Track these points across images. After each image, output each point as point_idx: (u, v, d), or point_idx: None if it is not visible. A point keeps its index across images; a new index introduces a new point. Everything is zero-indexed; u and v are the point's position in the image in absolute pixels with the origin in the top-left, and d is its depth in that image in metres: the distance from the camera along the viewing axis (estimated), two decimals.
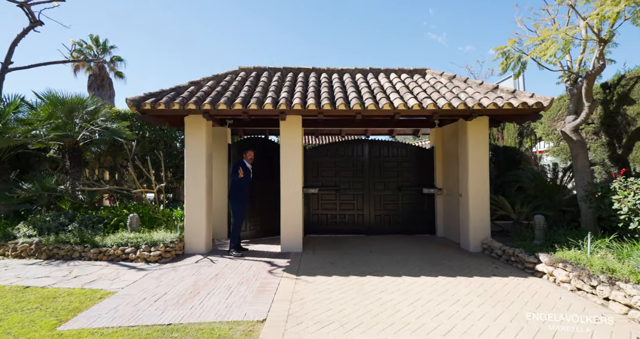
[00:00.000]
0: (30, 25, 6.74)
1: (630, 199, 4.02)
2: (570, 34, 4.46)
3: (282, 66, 6.80)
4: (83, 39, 24.87)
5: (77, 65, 25.84)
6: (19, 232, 5.45)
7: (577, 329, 2.76)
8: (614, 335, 2.65)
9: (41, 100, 6.41)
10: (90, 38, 25.81)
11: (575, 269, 3.64)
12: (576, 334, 2.69)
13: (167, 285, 3.96)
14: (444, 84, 6.07)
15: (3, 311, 3.14)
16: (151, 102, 5.08)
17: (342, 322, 2.95)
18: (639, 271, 3.16)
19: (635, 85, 4.92)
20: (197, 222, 5.62)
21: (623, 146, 5.11)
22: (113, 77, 27.19)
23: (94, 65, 25.71)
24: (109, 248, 5.03)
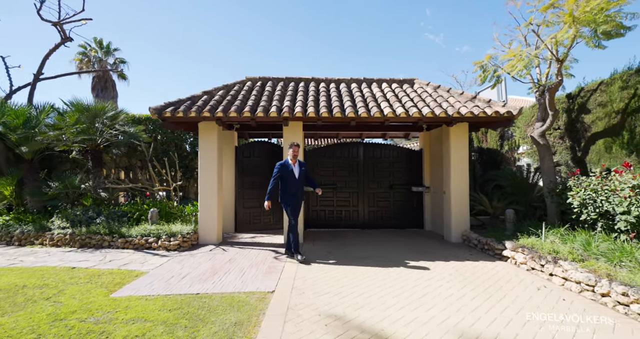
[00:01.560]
0: (61, 41, 7.47)
1: (581, 194, 4.77)
2: (532, 54, 5.20)
3: (284, 76, 7.53)
4: (88, 42, 25.36)
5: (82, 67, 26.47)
6: (53, 224, 6.17)
7: (522, 293, 3.51)
8: (547, 298, 3.40)
9: (68, 107, 7.13)
10: (94, 41, 26.35)
11: (530, 252, 4.39)
12: (520, 296, 3.43)
13: (189, 267, 4.68)
14: (429, 93, 6.82)
15: (62, 284, 3.87)
16: (171, 111, 5.81)
17: (336, 292, 3.68)
18: (576, 252, 3.91)
19: (591, 96, 5.68)
20: (209, 216, 6.34)
21: (582, 149, 5.87)
22: (116, 79, 27.75)
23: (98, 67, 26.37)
24: (134, 238, 5.76)
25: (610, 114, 5.27)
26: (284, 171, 4.96)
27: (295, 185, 4.99)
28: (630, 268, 3.38)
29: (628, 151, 4.97)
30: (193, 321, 2.92)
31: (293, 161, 5.05)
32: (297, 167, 5.05)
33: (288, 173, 4.96)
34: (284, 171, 4.96)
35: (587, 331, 2.72)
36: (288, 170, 4.96)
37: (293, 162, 5.05)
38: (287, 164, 5.01)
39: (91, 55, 25.69)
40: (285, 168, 4.98)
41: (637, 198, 3.98)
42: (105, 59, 26.93)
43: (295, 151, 5.01)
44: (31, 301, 3.35)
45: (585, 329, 2.74)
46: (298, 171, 5.03)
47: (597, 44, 5.19)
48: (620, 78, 5.17)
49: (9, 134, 6.46)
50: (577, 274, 3.56)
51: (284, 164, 5.01)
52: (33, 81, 7.48)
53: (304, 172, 5.11)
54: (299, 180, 5.03)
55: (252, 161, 7.75)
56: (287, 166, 4.99)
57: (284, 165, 5.00)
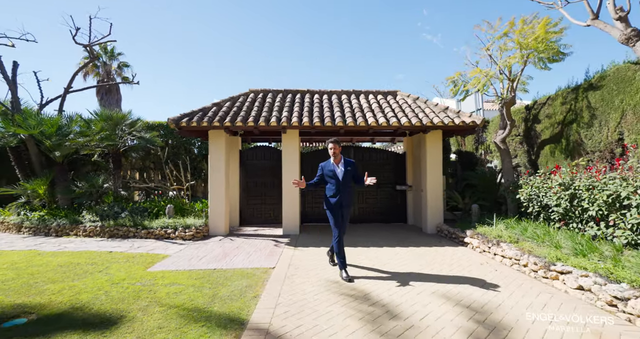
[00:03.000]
0: (90, 59, 8.51)
1: (527, 191, 5.80)
2: (490, 74, 6.24)
3: (283, 89, 8.56)
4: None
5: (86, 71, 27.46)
6: (84, 218, 7.18)
7: (466, 266, 4.53)
8: (484, 268, 4.42)
9: (93, 116, 8.14)
10: (99, 46, 27.35)
11: (482, 238, 5.41)
12: (464, 268, 4.45)
13: (204, 251, 5.69)
14: (409, 104, 7.85)
15: (107, 262, 4.88)
16: (186, 121, 6.82)
17: (324, 267, 4.69)
18: (514, 236, 4.93)
19: (541, 109, 6.71)
20: (218, 211, 7.35)
21: (535, 153, 6.90)
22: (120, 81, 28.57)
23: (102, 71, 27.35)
24: (155, 230, 6.77)
25: (554, 125, 6.30)
26: (325, 171, 4.31)
27: (338, 188, 4.19)
28: (548, 246, 4.39)
29: (565, 155, 6.00)
30: (214, 285, 3.93)
31: (335, 160, 4.28)
32: (342, 167, 4.24)
33: (329, 174, 4.25)
34: (324, 171, 4.32)
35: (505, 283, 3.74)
36: (330, 170, 4.26)
37: (335, 161, 4.27)
38: (328, 164, 4.31)
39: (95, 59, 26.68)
40: (327, 168, 4.30)
41: (563, 194, 5.00)
42: (109, 63, 27.90)
43: (335, 149, 4.23)
44: (89, 273, 4.37)
45: (507, 284, 3.76)
46: (342, 171, 4.21)
47: (543, 66, 6.24)
48: (562, 95, 6.20)
49: (45, 140, 7.46)
50: (510, 251, 4.59)
51: (324, 163, 4.35)
52: (63, 94, 8.51)
53: (351, 172, 4.25)
54: (344, 182, 4.19)
55: (254, 164, 8.77)
56: (327, 166, 4.31)
57: (324, 165, 4.35)
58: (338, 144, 4.28)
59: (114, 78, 27.51)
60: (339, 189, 4.22)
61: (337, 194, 4.22)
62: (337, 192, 4.23)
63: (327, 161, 4.38)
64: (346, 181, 4.24)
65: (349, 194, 4.29)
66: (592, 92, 5.40)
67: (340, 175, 4.23)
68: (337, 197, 4.22)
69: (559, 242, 4.31)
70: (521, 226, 5.27)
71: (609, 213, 4.32)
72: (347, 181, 4.24)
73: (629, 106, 4.71)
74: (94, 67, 26.81)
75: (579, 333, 2.65)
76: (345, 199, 4.23)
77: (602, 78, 5.20)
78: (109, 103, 26.21)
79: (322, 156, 9.12)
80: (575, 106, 5.81)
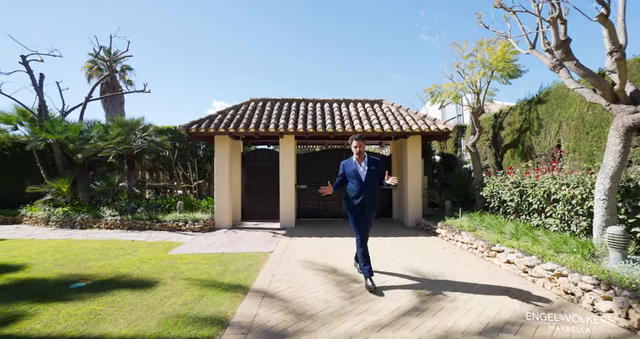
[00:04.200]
0: (110, 73, 9.44)
1: (489, 189, 6.79)
2: (459, 88, 7.23)
3: (280, 98, 9.54)
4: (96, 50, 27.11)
5: (91, 74, 28.28)
6: (105, 213, 8.14)
7: (432, 249, 5.50)
8: (445, 251, 5.40)
9: (111, 122, 9.11)
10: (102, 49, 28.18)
11: (448, 228, 6.39)
12: (429, 251, 5.42)
13: (212, 240, 6.66)
14: (392, 112, 8.83)
15: (133, 247, 5.85)
16: (195, 127, 7.79)
17: (312, 252, 5.66)
18: (473, 226, 5.91)
19: (505, 117, 7.70)
20: (223, 207, 8.31)
21: (500, 156, 7.88)
22: (123, 84, 29.48)
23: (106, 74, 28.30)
24: (168, 222, 7.74)
25: (514, 132, 7.29)
26: (346, 170, 4.03)
27: (360, 188, 3.88)
28: (496, 232, 5.37)
29: (521, 158, 6.99)
30: (224, 263, 4.90)
31: (358, 158, 3.95)
32: (365, 166, 3.92)
33: (351, 173, 3.96)
34: (346, 170, 4.04)
35: (457, 262, 4.71)
36: (351, 169, 3.96)
37: (359, 160, 3.96)
38: (350, 163, 4.01)
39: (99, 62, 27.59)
40: (348, 167, 4.01)
41: (515, 191, 5.99)
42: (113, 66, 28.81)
43: (360, 147, 3.90)
44: (120, 255, 5.34)
45: (456, 261, 4.73)
46: (365, 170, 3.89)
47: (505, 81, 7.23)
48: (520, 106, 7.19)
49: (69, 144, 8.41)
50: (467, 238, 5.57)
51: (346, 162, 4.07)
52: (84, 102, 9.47)
53: (375, 172, 3.92)
54: (367, 182, 3.88)
55: (255, 165, 9.73)
56: (349, 165, 4.01)
57: (346, 164, 4.06)
58: (362, 141, 3.93)
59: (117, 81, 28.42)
60: (361, 190, 3.88)
61: (360, 195, 3.88)
62: (359, 194, 3.89)
63: (349, 159, 4.05)
64: (369, 182, 3.89)
65: (373, 196, 3.93)
66: (540, 105, 6.39)
67: (363, 175, 3.89)
68: (360, 198, 3.88)
69: (503, 229, 5.29)
70: (481, 218, 6.26)
71: (545, 206, 5.30)
72: (370, 181, 3.89)
73: (564, 118, 5.69)
74: (97, 70, 27.77)
75: (496, 288, 3.63)
76: (368, 201, 3.89)
77: (547, 94, 6.18)
78: (112, 105, 27.07)
79: (316, 158, 10.09)
80: (529, 116, 6.79)
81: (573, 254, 3.73)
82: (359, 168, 3.92)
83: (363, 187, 3.87)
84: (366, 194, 3.87)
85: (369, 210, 3.93)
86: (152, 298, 3.48)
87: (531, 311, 3.07)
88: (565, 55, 4.15)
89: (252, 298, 3.46)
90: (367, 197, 3.88)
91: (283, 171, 8.39)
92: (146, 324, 2.84)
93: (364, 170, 3.91)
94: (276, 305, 3.27)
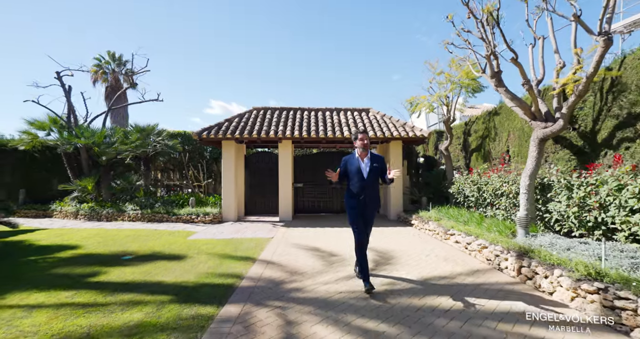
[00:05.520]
0: (130, 85, 10.69)
1: (456, 186, 8.05)
2: (432, 100, 8.50)
3: (279, 106, 10.79)
4: (102, 55, 28.13)
5: (96, 77, 29.47)
6: (127, 208, 9.38)
7: (405, 236, 6.76)
8: (413, 237, 6.65)
9: (131, 128, 10.33)
10: (108, 54, 29.29)
11: (420, 219, 7.65)
12: (402, 237, 6.67)
13: (222, 229, 7.90)
14: (377, 120, 10.09)
15: (157, 235, 7.09)
16: (206, 134, 9.03)
17: (305, 237, 6.91)
18: (439, 216, 7.17)
19: (472, 125, 8.97)
20: (229, 203, 9.54)
21: (468, 158, 9.16)
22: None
23: (111, 78, 29.42)
24: (182, 216, 8.98)
25: (478, 138, 8.57)
26: (348, 167, 3.84)
27: (361, 185, 3.73)
28: (454, 221, 6.62)
29: (483, 160, 8.26)
30: (234, 244, 6.15)
31: (362, 154, 3.81)
32: (367, 163, 3.77)
33: (353, 169, 3.78)
34: (348, 166, 3.85)
35: (421, 243, 5.97)
36: (353, 166, 3.79)
37: (362, 155, 3.81)
38: (352, 159, 3.84)
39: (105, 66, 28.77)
40: (350, 163, 3.83)
41: (474, 187, 7.25)
42: (118, 70, 29.99)
43: (364, 139, 3.78)
44: (149, 239, 6.58)
45: (420, 243, 5.99)
46: (368, 167, 3.76)
47: (471, 95, 8.51)
48: (483, 116, 8.47)
49: (94, 147, 9.63)
50: (432, 226, 6.84)
51: (348, 157, 3.89)
52: (107, 111, 10.68)
53: (378, 169, 3.80)
54: (369, 179, 3.74)
55: (256, 166, 10.97)
56: (352, 161, 3.84)
57: (348, 160, 3.87)
58: (367, 135, 3.81)
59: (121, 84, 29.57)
60: (362, 188, 3.72)
61: (361, 194, 3.72)
62: (360, 192, 3.72)
63: (351, 155, 3.88)
64: (371, 179, 3.75)
65: (374, 194, 3.81)
66: (496, 117, 7.65)
67: (365, 172, 3.74)
68: (361, 196, 3.72)
69: (460, 219, 6.56)
70: (447, 210, 7.52)
71: (494, 200, 6.57)
72: (372, 179, 3.76)
73: (511, 129, 6.95)
74: (102, 73, 28.94)
75: (439, 257, 4.89)
76: (369, 200, 3.75)
77: (501, 107, 7.45)
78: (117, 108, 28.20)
79: (311, 159, 11.34)
80: (489, 125, 8.07)
81: (498, 233, 4.99)
82: (362, 164, 3.76)
83: (365, 184, 3.71)
84: (368, 191, 3.72)
85: (370, 209, 3.79)
86: (185, 264, 4.73)
87: (458, 272, 4.33)
88: (497, 83, 5.42)
89: (259, 264, 4.72)
90: (369, 195, 3.72)
91: (281, 172, 9.63)
92: (187, 277, 4.09)
93: (366, 166, 3.76)
94: (277, 268, 4.53)
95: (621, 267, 3.01)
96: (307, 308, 3.15)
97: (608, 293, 2.69)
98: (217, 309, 3.11)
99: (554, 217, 4.91)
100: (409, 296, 3.45)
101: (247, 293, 3.56)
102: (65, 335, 2.59)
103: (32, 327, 2.73)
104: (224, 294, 3.51)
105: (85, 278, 4.11)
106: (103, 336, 2.58)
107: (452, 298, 3.40)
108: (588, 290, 2.88)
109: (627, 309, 2.56)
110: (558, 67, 5.02)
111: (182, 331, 2.68)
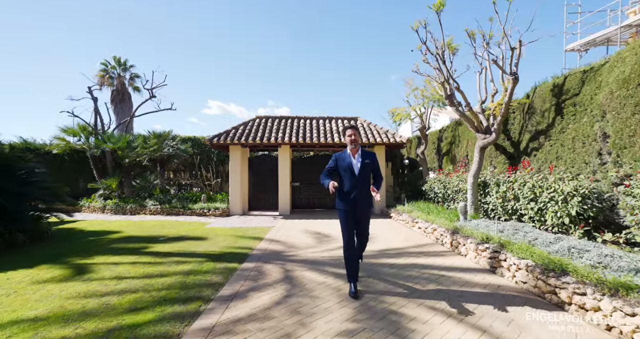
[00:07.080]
0: (150, 97, 12.19)
1: (428, 185, 9.59)
2: (408, 111, 10.04)
3: (279, 115, 12.31)
4: (107, 60, 29.42)
5: (102, 81, 30.91)
6: (147, 203, 10.86)
7: (383, 226, 8.28)
8: (389, 226, 8.18)
9: (149, 134, 11.82)
10: (113, 59, 30.69)
11: (396, 212, 9.17)
12: (381, 226, 8.19)
13: (231, 221, 9.39)
14: (364, 127, 11.62)
15: (178, 224, 8.59)
16: (216, 140, 10.53)
17: (301, 225, 8.41)
18: (411, 209, 8.69)
19: (444, 132, 10.52)
20: (235, 199, 11.04)
21: (440, 160, 10.70)
22: (132, 91, 31.97)
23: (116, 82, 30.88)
24: (196, 210, 10.48)
25: (447, 144, 10.11)
26: (339, 164, 3.68)
27: (353, 184, 3.58)
28: (421, 212, 8.13)
29: (451, 163, 9.81)
30: (243, 230, 7.65)
31: (353, 150, 3.66)
32: (359, 160, 3.62)
33: (344, 166, 3.63)
34: (338, 163, 3.68)
35: (392, 230, 7.47)
36: (344, 162, 3.64)
37: (352, 152, 3.66)
38: (344, 156, 3.68)
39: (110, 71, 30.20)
40: (342, 159, 3.67)
41: (441, 185, 8.77)
42: (123, 75, 31.44)
43: (354, 136, 3.63)
44: (173, 227, 8.08)
45: (392, 230, 7.50)
46: (359, 164, 3.60)
47: (442, 107, 10.04)
48: (451, 125, 10.02)
49: (119, 151, 11.12)
50: (404, 216, 8.36)
51: (339, 154, 3.71)
52: (130, 119, 12.19)
53: (369, 165, 3.65)
54: (360, 177, 3.59)
55: (259, 167, 12.48)
56: (343, 156, 3.68)
57: (339, 156, 3.70)
58: (357, 130, 3.68)
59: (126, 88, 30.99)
60: (354, 185, 3.56)
61: (352, 192, 3.56)
62: (351, 189, 3.57)
63: (342, 152, 3.71)
64: (363, 176, 3.59)
65: (367, 192, 3.62)
66: (460, 127, 9.19)
67: (357, 168, 3.58)
68: (352, 195, 3.56)
69: (426, 210, 8.09)
70: (418, 204, 9.06)
71: (455, 195, 8.10)
72: (364, 176, 3.60)
73: (469, 137, 8.50)
74: (109, 78, 30.38)
75: (401, 238, 6.41)
76: (361, 197, 3.58)
77: None
78: (122, 110, 29.68)
79: (307, 162, 12.85)
80: (455, 133, 9.61)
81: (448, 220, 6.53)
82: (353, 161, 3.60)
83: (357, 183, 3.55)
84: (359, 189, 3.55)
85: (363, 209, 3.65)
86: (209, 242, 6.24)
87: (411, 245, 5.86)
88: (450, 103, 6.96)
89: (265, 242, 6.24)
90: (360, 193, 3.55)
91: (281, 172, 11.14)
92: (213, 249, 5.61)
93: (357, 162, 3.59)
94: (278, 244, 6.05)
95: (508, 236, 4.55)
96: (299, 264, 4.67)
97: (489, 250, 4.23)
98: (239, 265, 4.63)
99: (490, 207, 6.45)
100: (370, 259, 4.98)
101: (257, 257, 5.08)
102: (148, 274, 4.11)
103: (123, 271, 4.24)
104: (242, 258, 5.03)
105: (139, 249, 5.62)
106: (171, 274, 4.09)
107: (398, 258, 4.93)
108: (481, 249, 4.41)
109: (498, 259, 4.09)
110: (492, 93, 6.57)
111: (219, 273, 4.19)
